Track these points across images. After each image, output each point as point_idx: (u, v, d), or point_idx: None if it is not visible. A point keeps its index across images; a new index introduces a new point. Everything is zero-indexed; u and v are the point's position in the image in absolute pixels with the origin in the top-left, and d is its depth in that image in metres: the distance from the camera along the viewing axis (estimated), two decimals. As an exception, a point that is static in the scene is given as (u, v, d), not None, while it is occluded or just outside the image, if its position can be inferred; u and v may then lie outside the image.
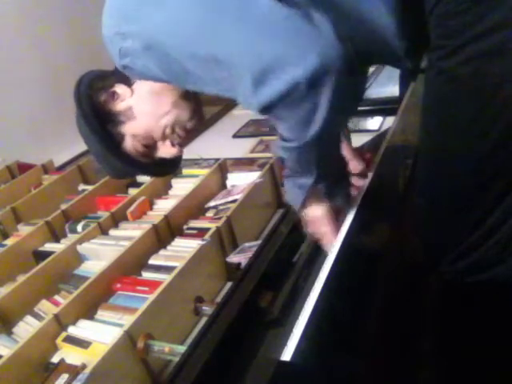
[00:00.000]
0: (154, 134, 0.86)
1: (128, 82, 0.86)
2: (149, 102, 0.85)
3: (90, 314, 1.16)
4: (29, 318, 1.22)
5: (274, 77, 0.64)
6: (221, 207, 1.54)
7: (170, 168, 0.98)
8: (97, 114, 0.86)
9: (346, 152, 1.03)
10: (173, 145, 0.88)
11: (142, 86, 0.85)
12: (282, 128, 0.73)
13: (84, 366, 0.96)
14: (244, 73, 0.65)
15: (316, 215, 0.88)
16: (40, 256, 1.45)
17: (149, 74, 0.76)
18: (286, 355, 0.65)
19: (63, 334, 1.08)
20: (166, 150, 0.88)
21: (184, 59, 0.69)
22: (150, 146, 0.88)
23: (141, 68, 0.76)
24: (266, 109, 0.68)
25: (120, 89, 0.86)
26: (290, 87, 0.63)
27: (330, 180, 0.84)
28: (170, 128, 0.86)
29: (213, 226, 1.31)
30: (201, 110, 0.91)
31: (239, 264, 1.25)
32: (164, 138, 0.87)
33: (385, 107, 2.00)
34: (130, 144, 0.87)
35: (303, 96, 0.65)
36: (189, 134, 0.89)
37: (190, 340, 1.11)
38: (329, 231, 0.88)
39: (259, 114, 0.71)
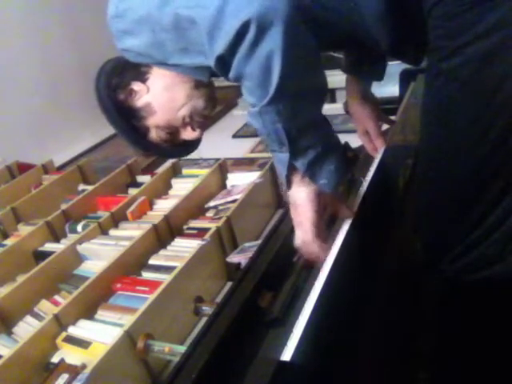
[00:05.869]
0: (175, 123, 0.94)
1: (142, 79, 0.92)
2: (164, 98, 0.92)
3: (90, 314, 1.15)
4: (29, 318, 1.21)
5: (224, 23, 0.66)
6: (221, 207, 1.53)
7: (192, 147, 1.05)
8: (120, 112, 0.93)
9: (354, 109, 1.07)
10: (193, 129, 0.96)
11: (156, 82, 0.91)
12: (247, 92, 0.74)
13: (84, 366, 0.96)
14: (201, 28, 0.69)
15: (298, 199, 0.81)
16: (40, 256, 1.45)
17: (141, 52, 0.83)
18: (286, 355, 0.65)
19: (63, 334, 1.08)
20: (188, 134, 0.97)
21: (158, 30, 0.76)
22: (173, 133, 0.96)
23: (131, 47, 0.83)
24: (223, 61, 0.70)
25: (137, 86, 0.92)
26: (239, 29, 0.64)
27: (312, 155, 0.76)
28: (189, 117, 0.93)
29: (213, 226, 1.31)
30: (214, 96, 0.98)
31: (239, 264, 1.25)
32: (185, 125, 0.95)
33: (385, 107, 1.99)
34: (155, 134, 0.95)
35: (255, 39, 0.65)
36: (207, 119, 0.97)
37: (190, 340, 1.11)
38: (308, 222, 0.80)
39: (221, 73, 0.73)
